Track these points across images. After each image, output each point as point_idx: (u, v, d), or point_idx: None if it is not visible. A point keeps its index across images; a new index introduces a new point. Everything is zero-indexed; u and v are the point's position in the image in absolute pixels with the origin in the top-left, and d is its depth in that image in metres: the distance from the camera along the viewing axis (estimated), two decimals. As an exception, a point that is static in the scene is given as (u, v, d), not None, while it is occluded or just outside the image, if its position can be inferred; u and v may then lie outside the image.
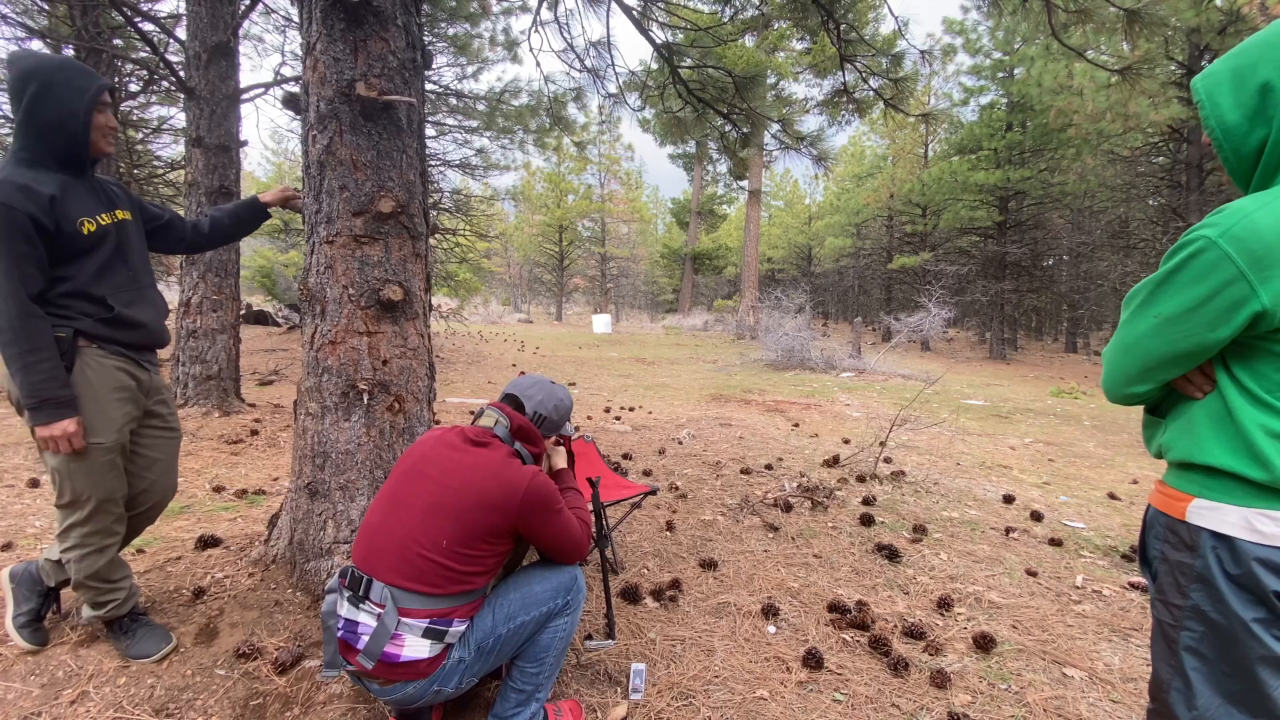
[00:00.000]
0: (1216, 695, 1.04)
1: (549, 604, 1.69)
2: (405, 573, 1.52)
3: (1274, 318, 0.95)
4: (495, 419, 1.75)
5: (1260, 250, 0.94)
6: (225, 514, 3.45)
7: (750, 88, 4.83)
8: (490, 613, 1.64)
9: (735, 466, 4.76)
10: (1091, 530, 3.75)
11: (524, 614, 1.65)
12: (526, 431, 1.77)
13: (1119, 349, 1.14)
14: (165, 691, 1.87)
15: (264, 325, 15.15)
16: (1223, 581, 1.02)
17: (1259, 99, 1.02)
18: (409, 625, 1.49)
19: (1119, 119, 12.58)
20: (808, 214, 36.63)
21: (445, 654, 1.55)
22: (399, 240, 2.41)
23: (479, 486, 1.57)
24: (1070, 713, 1.99)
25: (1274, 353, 0.99)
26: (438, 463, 1.63)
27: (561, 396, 1.90)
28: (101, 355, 1.89)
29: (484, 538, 1.56)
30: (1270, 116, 1.01)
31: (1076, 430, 7.47)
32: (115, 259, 1.92)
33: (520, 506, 1.59)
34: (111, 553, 2.00)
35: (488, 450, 1.65)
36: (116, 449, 1.93)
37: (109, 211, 1.92)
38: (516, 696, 1.70)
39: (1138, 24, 3.40)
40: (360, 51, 2.29)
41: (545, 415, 1.84)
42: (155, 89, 8.76)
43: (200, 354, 5.58)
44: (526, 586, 1.71)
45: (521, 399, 1.84)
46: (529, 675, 1.70)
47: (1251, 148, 1.05)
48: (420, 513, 1.56)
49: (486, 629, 1.61)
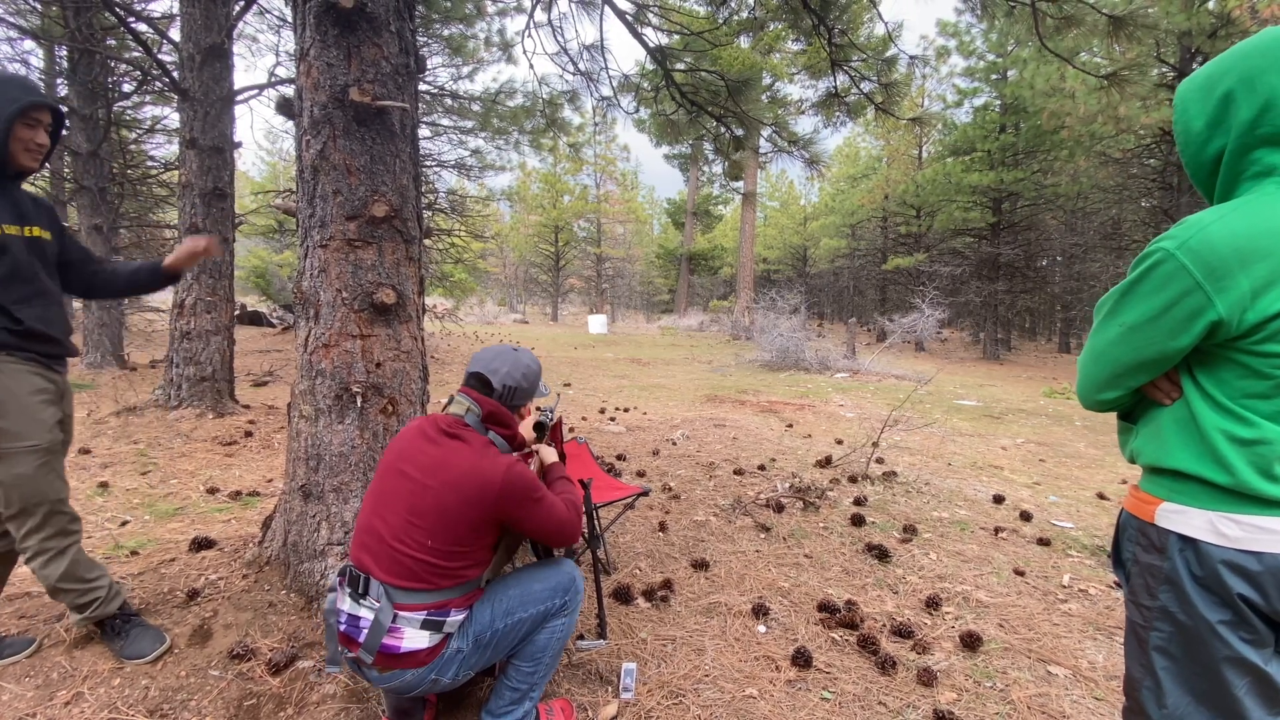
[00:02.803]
0: (1185, 694, 1.06)
1: (547, 603, 1.72)
2: (396, 571, 1.55)
3: (1231, 326, 0.98)
4: (466, 407, 1.70)
5: (1215, 262, 0.96)
6: (219, 516, 3.45)
7: (743, 91, 4.86)
8: (489, 607, 1.67)
9: (728, 467, 4.79)
10: (1080, 530, 3.80)
11: (522, 610, 1.68)
12: (498, 416, 1.73)
13: (1090, 357, 1.17)
14: (160, 692, 1.88)
15: (259, 326, 15.13)
16: (1189, 584, 1.04)
17: (1220, 108, 1.05)
18: (407, 619, 1.53)
19: (1111, 121, 12.67)
20: (803, 215, 36.71)
21: (444, 643, 1.58)
22: (392, 244, 2.43)
23: (455, 484, 1.57)
24: (1054, 710, 2.02)
25: (1235, 360, 1.01)
26: (415, 459, 1.62)
27: (527, 362, 1.83)
28: (13, 362, 1.86)
29: (468, 533, 1.58)
30: (1229, 126, 1.04)
31: (1067, 431, 7.53)
32: (19, 271, 1.87)
33: (498, 498, 1.58)
34: (74, 552, 2.00)
35: (462, 443, 1.63)
36: (52, 450, 1.92)
37: (17, 224, 1.88)
38: (511, 694, 1.73)
39: (1123, 30, 3.44)
40: (354, 57, 2.31)
41: (515, 385, 1.77)
42: (149, 89, 8.74)
43: (194, 355, 5.57)
44: (526, 584, 1.73)
45: (487, 375, 1.74)
46: (524, 674, 1.73)
47: (1209, 155, 1.09)
48: (403, 513, 1.58)
49: (485, 623, 1.64)
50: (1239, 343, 0.99)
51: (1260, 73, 1.00)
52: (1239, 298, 0.96)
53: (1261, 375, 0.99)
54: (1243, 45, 1.04)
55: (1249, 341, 0.98)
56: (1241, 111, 1.02)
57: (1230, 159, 1.05)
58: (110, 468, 4.24)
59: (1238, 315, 0.97)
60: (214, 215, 5.58)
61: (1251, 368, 0.99)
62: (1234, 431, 1.01)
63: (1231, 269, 0.96)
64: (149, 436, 4.95)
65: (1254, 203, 0.99)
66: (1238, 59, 1.03)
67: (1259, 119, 1.00)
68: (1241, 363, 1.00)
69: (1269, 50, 1.00)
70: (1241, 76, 1.02)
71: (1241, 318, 0.97)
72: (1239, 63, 1.03)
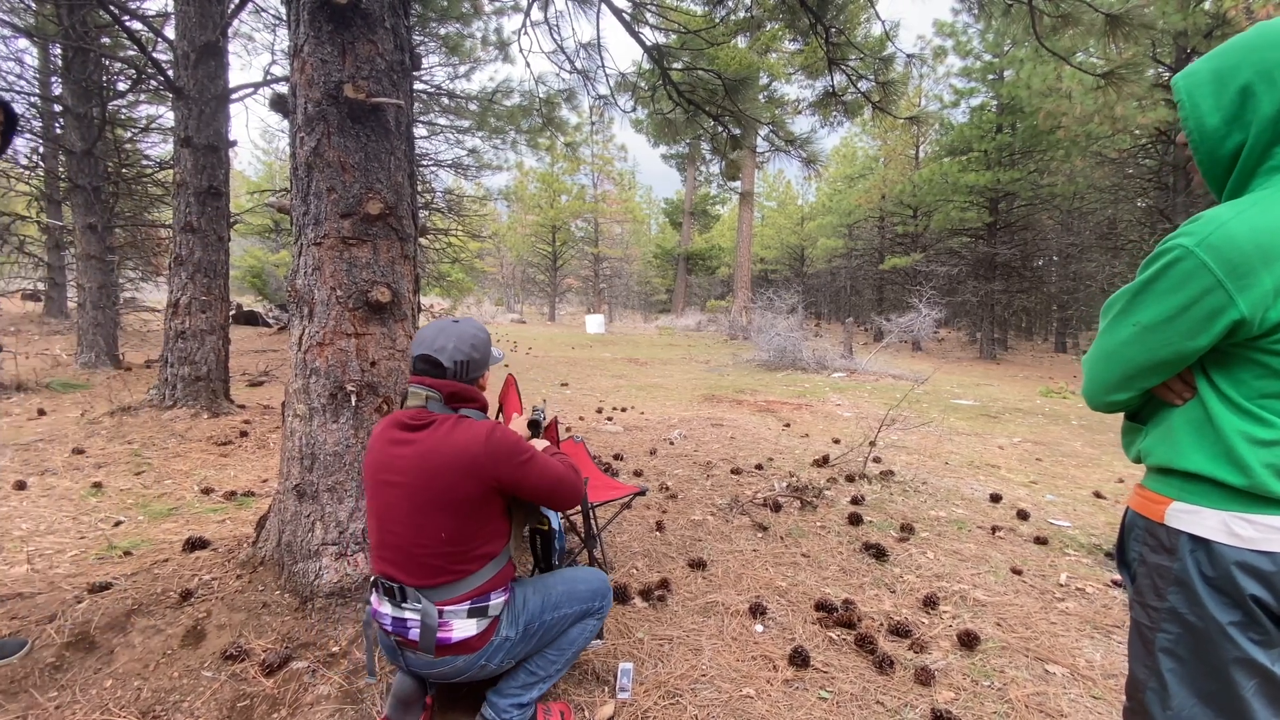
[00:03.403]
0: (1191, 696, 1.04)
1: (588, 603, 1.82)
2: (423, 574, 1.57)
3: (1252, 326, 0.95)
4: (425, 395, 1.63)
5: (1237, 258, 0.93)
6: (214, 516, 3.43)
7: (740, 90, 4.85)
8: (540, 598, 1.74)
9: (726, 466, 4.78)
10: (1077, 528, 3.80)
11: (568, 606, 1.77)
12: (461, 394, 1.66)
13: (1099, 357, 1.13)
14: (152, 694, 1.87)
15: (254, 326, 15.06)
16: (1200, 584, 1.02)
17: (1239, 102, 1.01)
18: (452, 611, 1.57)
19: (1107, 121, 12.69)
20: (800, 215, 36.74)
21: (493, 628, 1.63)
22: (387, 242, 2.41)
23: (442, 468, 1.54)
24: (1051, 709, 2.02)
25: (1253, 360, 0.99)
26: (393, 465, 1.59)
27: (473, 332, 1.72)
28: None
29: (475, 509, 1.58)
30: (1249, 121, 1.00)
31: (1064, 430, 7.54)
32: None
33: (488, 459, 1.55)
34: None
35: (432, 429, 1.58)
36: None
37: None
38: (526, 678, 1.77)
39: (1120, 28, 3.44)
40: (348, 54, 2.29)
41: (465, 359, 1.67)
42: (144, 88, 8.71)
43: (189, 355, 5.54)
44: (571, 584, 1.83)
45: (434, 355, 1.64)
46: (548, 661, 1.79)
47: (1227, 152, 1.04)
48: (405, 520, 1.56)
49: (535, 612, 1.71)
50: (1259, 342, 0.97)
51: (1278, 65, 0.96)
52: (1262, 296, 0.93)
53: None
54: (1247, 38, 1.01)
55: (1269, 340, 0.95)
56: (1264, 106, 0.98)
57: (1249, 154, 1.01)
58: (104, 468, 4.21)
59: (1260, 314, 0.94)
60: (209, 214, 5.56)
61: (1271, 367, 0.97)
62: (1253, 433, 0.99)
63: (1255, 266, 0.92)
64: (143, 437, 4.93)
65: (1272, 198, 0.96)
66: (1248, 51, 0.99)
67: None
68: (1261, 362, 0.98)
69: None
70: (1259, 70, 0.98)
71: (1264, 316, 0.94)
72: (1252, 55, 0.99)
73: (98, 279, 7.92)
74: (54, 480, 3.92)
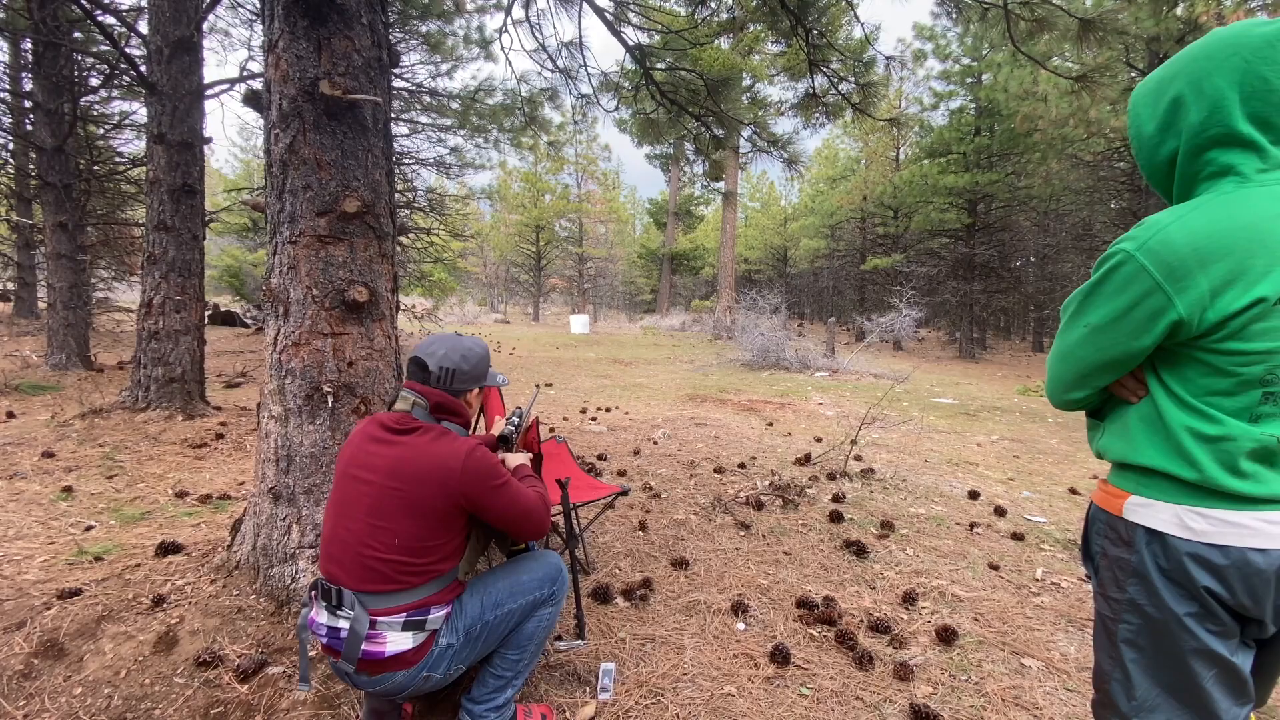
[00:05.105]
0: (1154, 685, 1.07)
1: (535, 593, 1.73)
2: (365, 578, 1.52)
3: (1191, 326, 0.99)
4: (412, 401, 1.63)
5: (1174, 262, 0.98)
6: (188, 520, 3.37)
7: (722, 90, 4.87)
8: (479, 600, 1.66)
9: (709, 466, 4.80)
10: (1052, 524, 3.86)
11: (511, 601, 1.69)
12: (447, 405, 1.66)
13: (1057, 357, 1.18)
14: (123, 701, 1.83)
15: (232, 326, 14.82)
16: (1157, 576, 1.05)
17: (1171, 111, 1.07)
18: (386, 623, 1.50)
19: (1081, 124, 12.94)
20: (783, 216, 36.97)
21: (431, 641, 1.56)
22: (365, 240, 2.39)
23: (415, 475, 1.52)
24: (1027, 701, 2.05)
25: (1198, 359, 1.02)
26: (367, 463, 1.57)
27: (469, 345, 1.73)
28: None
29: (436, 524, 1.55)
30: (1180, 129, 1.06)
31: (1041, 427, 7.66)
32: None
33: (461, 479, 1.53)
34: None
35: (415, 435, 1.57)
36: None
37: None
38: (495, 682, 1.73)
39: (1093, 33, 3.51)
40: (324, 49, 2.26)
41: (452, 367, 1.66)
42: (116, 84, 8.51)
43: (163, 356, 5.43)
44: (514, 576, 1.74)
45: (423, 358, 1.65)
46: (510, 662, 1.73)
47: (1163, 158, 1.11)
48: (364, 517, 1.54)
49: (475, 615, 1.63)
50: (1201, 341, 1.00)
51: (1206, 75, 1.02)
52: (1198, 298, 0.97)
53: (1224, 373, 1.00)
54: (1191, 48, 1.06)
55: (1210, 340, 0.99)
56: (1191, 114, 1.04)
57: (1184, 161, 1.07)
58: (74, 471, 4.11)
59: (1198, 315, 0.98)
60: (183, 212, 5.45)
61: (1214, 366, 1.00)
62: (1199, 428, 1.02)
63: (1190, 269, 0.97)
64: (115, 439, 4.82)
65: (1211, 202, 1.00)
66: (1186, 63, 1.05)
67: (1208, 121, 1.02)
68: (1204, 361, 1.01)
69: (1214, 53, 1.01)
70: (1189, 80, 1.04)
71: (1202, 317, 0.98)
72: (1186, 66, 1.05)
73: (69, 278, 7.74)
74: (23, 484, 3.81)
